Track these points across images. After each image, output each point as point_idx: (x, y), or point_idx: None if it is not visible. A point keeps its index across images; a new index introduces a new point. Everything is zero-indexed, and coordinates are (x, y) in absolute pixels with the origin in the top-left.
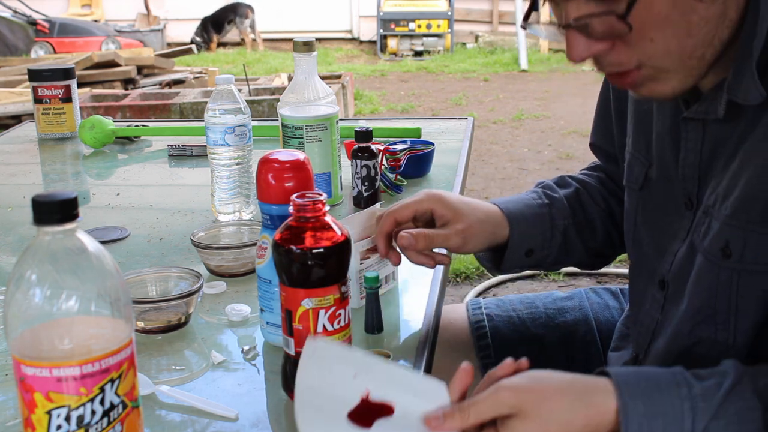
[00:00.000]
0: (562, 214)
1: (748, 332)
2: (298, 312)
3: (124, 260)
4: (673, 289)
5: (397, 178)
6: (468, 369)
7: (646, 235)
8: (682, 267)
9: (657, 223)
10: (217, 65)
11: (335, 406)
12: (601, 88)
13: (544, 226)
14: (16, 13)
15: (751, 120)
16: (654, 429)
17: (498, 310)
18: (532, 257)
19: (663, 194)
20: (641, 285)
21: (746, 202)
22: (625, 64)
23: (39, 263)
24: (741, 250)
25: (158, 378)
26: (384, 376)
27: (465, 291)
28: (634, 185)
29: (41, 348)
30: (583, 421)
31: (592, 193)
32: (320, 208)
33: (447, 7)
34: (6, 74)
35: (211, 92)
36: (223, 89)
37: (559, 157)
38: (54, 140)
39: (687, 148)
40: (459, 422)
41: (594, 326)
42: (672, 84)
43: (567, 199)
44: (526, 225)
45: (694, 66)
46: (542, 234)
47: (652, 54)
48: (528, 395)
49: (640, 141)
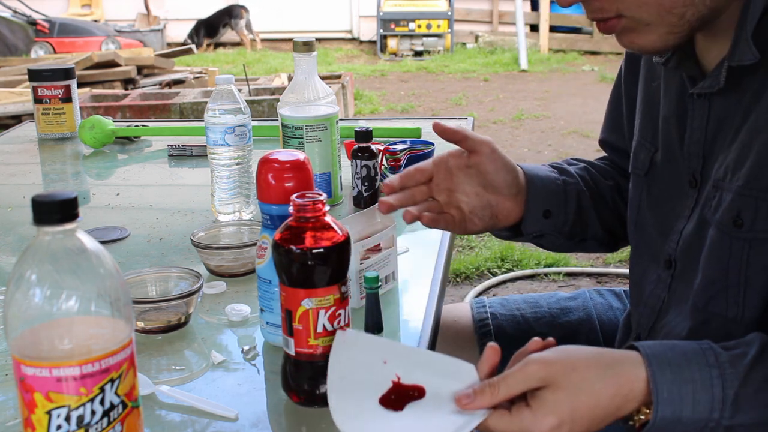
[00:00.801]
0: (573, 182)
1: (756, 306)
2: (298, 312)
3: (124, 260)
4: (682, 267)
5: None
6: (495, 348)
7: (650, 219)
8: (691, 243)
9: (661, 206)
10: (217, 65)
11: (367, 392)
12: (613, 86)
13: (557, 189)
14: (16, 13)
15: (756, 92)
16: (684, 396)
17: (502, 309)
18: (549, 219)
19: (667, 177)
20: (642, 268)
21: (757, 171)
22: (606, 11)
23: (39, 263)
24: (752, 218)
25: (158, 378)
26: (413, 360)
27: (465, 291)
28: (640, 171)
29: (41, 348)
30: (613, 389)
31: (600, 171)
32: (320, 208)
33: (447, 7)
34: (6, 74)
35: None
36: (223, 89)
37: (559, 157)
38: (54, 140)
39: (693, 126)
40: (489, 398)
41: (597, 326)
42: (651, 37)
43: (577, 173)
44: (542, 184)
45: (674, 23)
46: (557, 197)
47: (629, 4)
48: (557, 366)
49: (647, 128)
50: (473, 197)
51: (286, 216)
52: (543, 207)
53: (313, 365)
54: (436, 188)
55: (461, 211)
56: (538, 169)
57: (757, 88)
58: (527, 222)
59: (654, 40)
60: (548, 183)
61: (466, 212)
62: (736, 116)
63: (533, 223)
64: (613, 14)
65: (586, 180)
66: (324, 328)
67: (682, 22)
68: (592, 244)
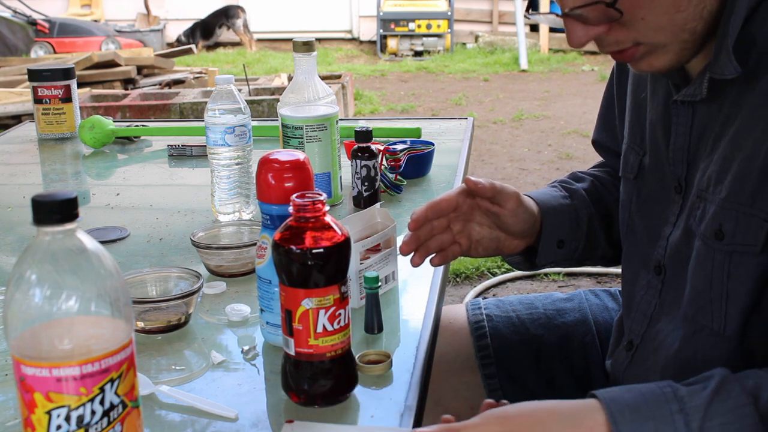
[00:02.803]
0: (584, 205)
1: (736, 319)
2: (298, 312)
3: (124, 260)
4: (671, 273)
5: (397, 178)
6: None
7: (639, 223)
8: (678, 251)
9: (649, 211)
10: (217, 65)
11: None
12: (606, 85)
13: (570, 216)
14: (16, 13)
15: (736, 101)
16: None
17: (497, 310)
18: (563, 249)
19: (655, 181)
20: (633, 272)
21: (739, 184)
22: (623, 43)
23: (39, 263)
24: (732, 231)
25: (158, 378)
26: None
27: (465, 291)
28: (630, 174)
29: (41, 348)
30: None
31: (605, 184)
32: (320, 208)
33: (447, 7)
34: (6, 74)
35: (211, 92)
36: (223, 89)
37: (559, 157)
38: (54, 140)
39: (677, 132)
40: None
41: (593, 327)
42: (668, 57)
43: (585, 191)
44: (555, 215)
45: (687, 39)
46: (569, 224)
47: (645, 32)
48: (519, 419)
49: (635, 132)
50: (485, 229)
51: (286, 216)
52: (557, 238)
53: (313, 365)
54: (454, 218)
55: (469, 239)
56: (551, 198)
57: (735, 97)
58: (542, 256)
59: (671, 59)
60: (561, 213)
61: (473, 241)
62: (717, 122)
63: (547, 255)
64: (630, 44)
65: (594, 197)
66: (324, 328)
67: (694, 37)
68: (601, 262)
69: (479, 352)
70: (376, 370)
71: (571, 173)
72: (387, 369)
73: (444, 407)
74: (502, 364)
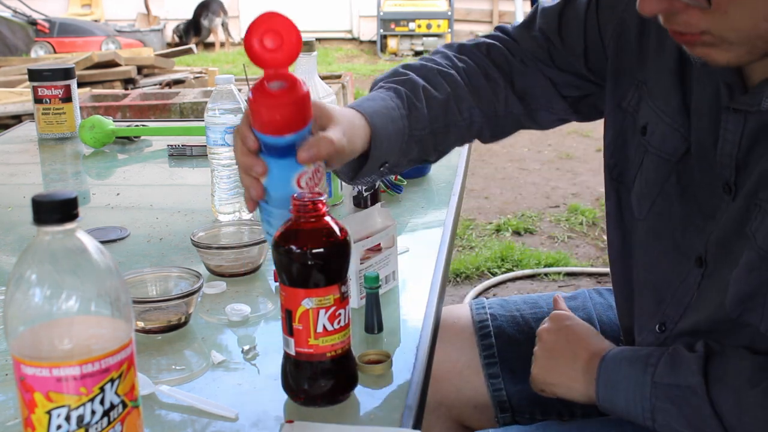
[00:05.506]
0: (420, 126)
1: None
2: (298, 312)
3: (124, 260)
4: (712, 269)
5: (397, 178)
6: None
7: (677, 209)
8: (725, 248)
9: (690, 199)
10: (217, 65)
11: None
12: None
13: (402, 139)
14: (16, 13)
15: None
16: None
17: (502, 309)
18: (384, 168)
19: (700, 172)
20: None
21: None
22: (692, 27)
23: (39, 263)
24: None
25: (158, 378)
26: None
27: (465, 291)
28: (671, 157)
29: (41, 348)
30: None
31: (463, 97)
32: (320, 208)
33: (447, 7)
34: (6, 74)
35: (211, 92)
36: (223, 89)
37: (559, 157)
38: (54, 140)
39: (725, 138)
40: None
41: (598, 326)
42: (729, 55)
43: (429, 109)
44: (388, 142)
45: (757, 46)
46: (399, 147)
47: (721, 25)
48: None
49: (677, 112)
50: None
51: (282, 147)
52: (383, 161)
53: (313, 365)
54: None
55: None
56: (388, 118)
57: None
58: (364, 175)
59: (731, 57)
60: (394, 136)
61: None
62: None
63: (369, 174)
64: (698, 31)
65: (437, 116)
66: (324, 328)
67: (766, 46)
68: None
69: (483, 352)
70: (376, 370)
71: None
72: (387, 369)
73: (447, 407)
74: (507, 363)
